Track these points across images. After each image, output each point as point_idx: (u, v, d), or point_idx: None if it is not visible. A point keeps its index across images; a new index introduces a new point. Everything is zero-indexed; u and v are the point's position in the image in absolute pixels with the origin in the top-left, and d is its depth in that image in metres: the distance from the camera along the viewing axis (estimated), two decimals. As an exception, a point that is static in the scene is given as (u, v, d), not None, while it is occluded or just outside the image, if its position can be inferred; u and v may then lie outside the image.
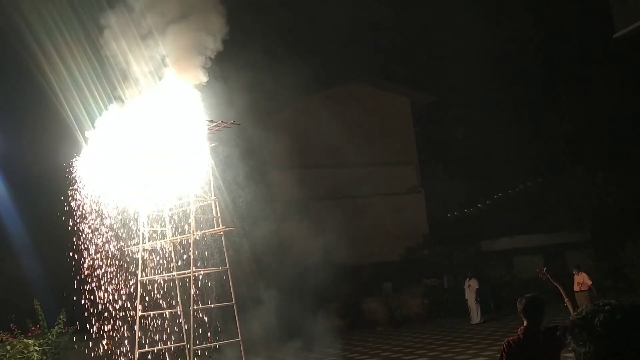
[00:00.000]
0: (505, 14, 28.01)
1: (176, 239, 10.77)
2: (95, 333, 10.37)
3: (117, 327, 10.50)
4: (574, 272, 16.75)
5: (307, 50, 16.01)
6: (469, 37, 29.97)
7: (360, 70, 28.14)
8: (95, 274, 10.28)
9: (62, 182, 10.31)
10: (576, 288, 16.28)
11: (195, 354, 9.99)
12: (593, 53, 27.21)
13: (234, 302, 10.61)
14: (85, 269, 10.20)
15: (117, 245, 10.52)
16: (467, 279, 20.80)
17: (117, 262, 10.60)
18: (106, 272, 10.39)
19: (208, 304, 10.89)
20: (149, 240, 10.78)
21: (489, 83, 28.67)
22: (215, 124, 10.42)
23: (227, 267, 10.59)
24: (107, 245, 10.38)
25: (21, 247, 17.72)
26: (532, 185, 29.66)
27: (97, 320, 10.35)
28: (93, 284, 10.24)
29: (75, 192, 10.25)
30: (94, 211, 10.24)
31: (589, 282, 15.83)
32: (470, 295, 20.32)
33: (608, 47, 23.34)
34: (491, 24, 29.18)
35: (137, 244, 10.67)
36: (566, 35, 29.08)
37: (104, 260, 10.37)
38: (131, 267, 10.82)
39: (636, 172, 25.36)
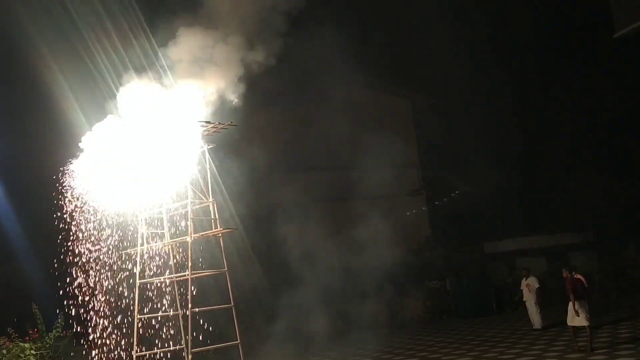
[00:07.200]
0: (504, 13, 27.92)
1: (174, 241, 10.71)
2: (93, 336, 10.29)
3: (115, 330, 10.43)
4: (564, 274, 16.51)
5: (305, 52, 15.92)
6: (466, 36, 29.83)
7: (361, 72, 28.03)
8: (93, 277, 10.21)
9: (59, 186, 10.24)
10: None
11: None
12: (593, 53, 27.13)
13: (232, 304, 10.54)
14: (82, 272, 10.14)
15: (114, 248, 10.47)
16: (524, 277, 17.27)
17: (115, 265, 10.54)
18: (104, 275, 10.33)
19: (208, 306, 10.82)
20: (147, 243, 10.71)
21: (488, 83, 28.58)
22: (212, 125, 10.36)
23: (225, 269, 10.52)
24: (104, 248, 10.32)
25: (19, 251, 17.67)
26: (535, 186, 29.49)
27: (95, 324, 10.28)
28: (90, 287, 10.17)
29: (72, 196, 10.19)
30: (91, 214, 10.19)
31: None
32: (529, 297, 16.77)
33: (609, 46, 23.25)
34: (489, 23, 29.08)
35: (135, 246, 10.61)
36: (566, 35, 28.99)
37: (102, 263, 10.31)
38: (129, 270, 10.76)
39: (638, 172, 25.23)
